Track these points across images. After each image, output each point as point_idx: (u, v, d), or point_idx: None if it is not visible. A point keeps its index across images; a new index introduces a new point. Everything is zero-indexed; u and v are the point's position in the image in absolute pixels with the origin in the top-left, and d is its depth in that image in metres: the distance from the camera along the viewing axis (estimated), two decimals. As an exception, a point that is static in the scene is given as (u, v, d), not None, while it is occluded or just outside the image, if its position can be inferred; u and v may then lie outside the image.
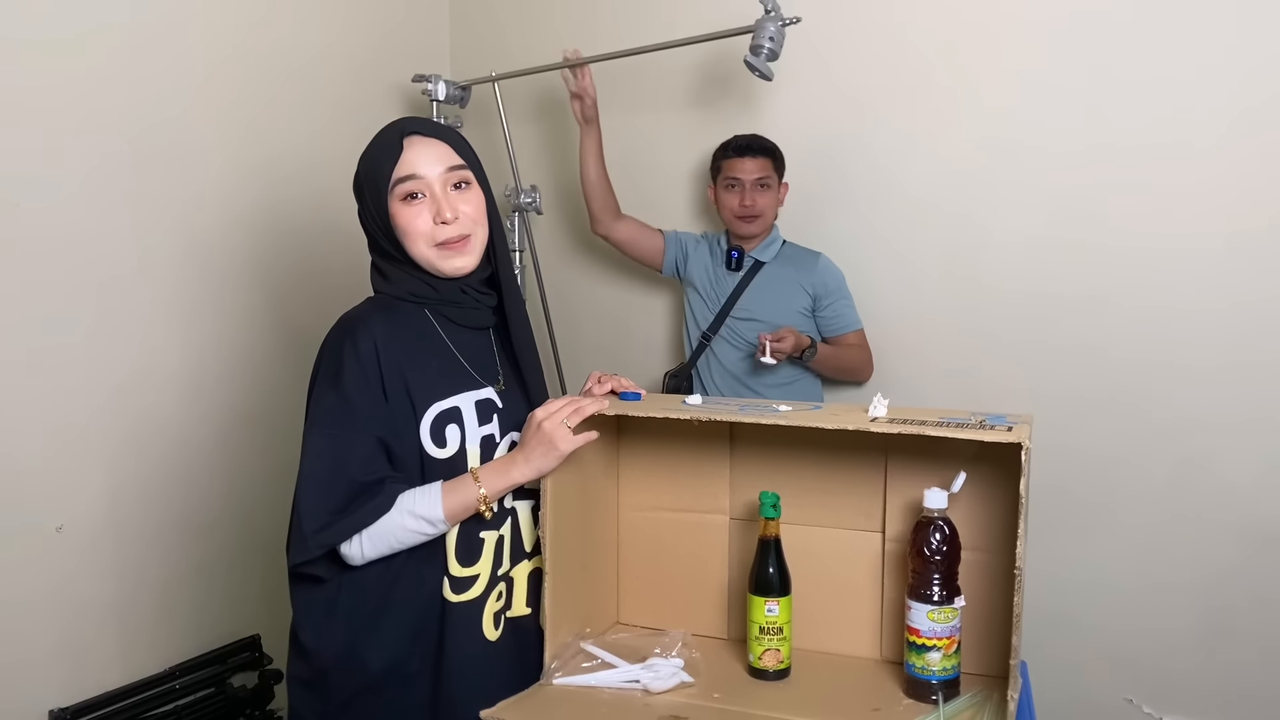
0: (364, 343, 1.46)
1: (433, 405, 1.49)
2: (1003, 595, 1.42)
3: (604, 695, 1.48)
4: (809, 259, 2.70)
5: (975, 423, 1.39)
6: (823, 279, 2.68)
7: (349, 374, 1.44)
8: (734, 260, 2.71)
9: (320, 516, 1.42)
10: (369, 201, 1.53)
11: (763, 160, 2.64)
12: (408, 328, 1.51)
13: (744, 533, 1.66)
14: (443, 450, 1.49)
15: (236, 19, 2.58)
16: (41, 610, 2.23)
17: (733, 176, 2.65)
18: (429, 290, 1.53)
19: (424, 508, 1.43)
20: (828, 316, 2.69)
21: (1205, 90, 2.36)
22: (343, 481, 1.42)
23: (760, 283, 2.69)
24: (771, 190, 2.67)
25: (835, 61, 2.73)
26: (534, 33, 3.12)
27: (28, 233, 2.17)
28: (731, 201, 2.66)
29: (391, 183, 1.50)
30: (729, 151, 2.67)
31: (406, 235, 1.51)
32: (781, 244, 2.74)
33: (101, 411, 2.32)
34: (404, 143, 1.51)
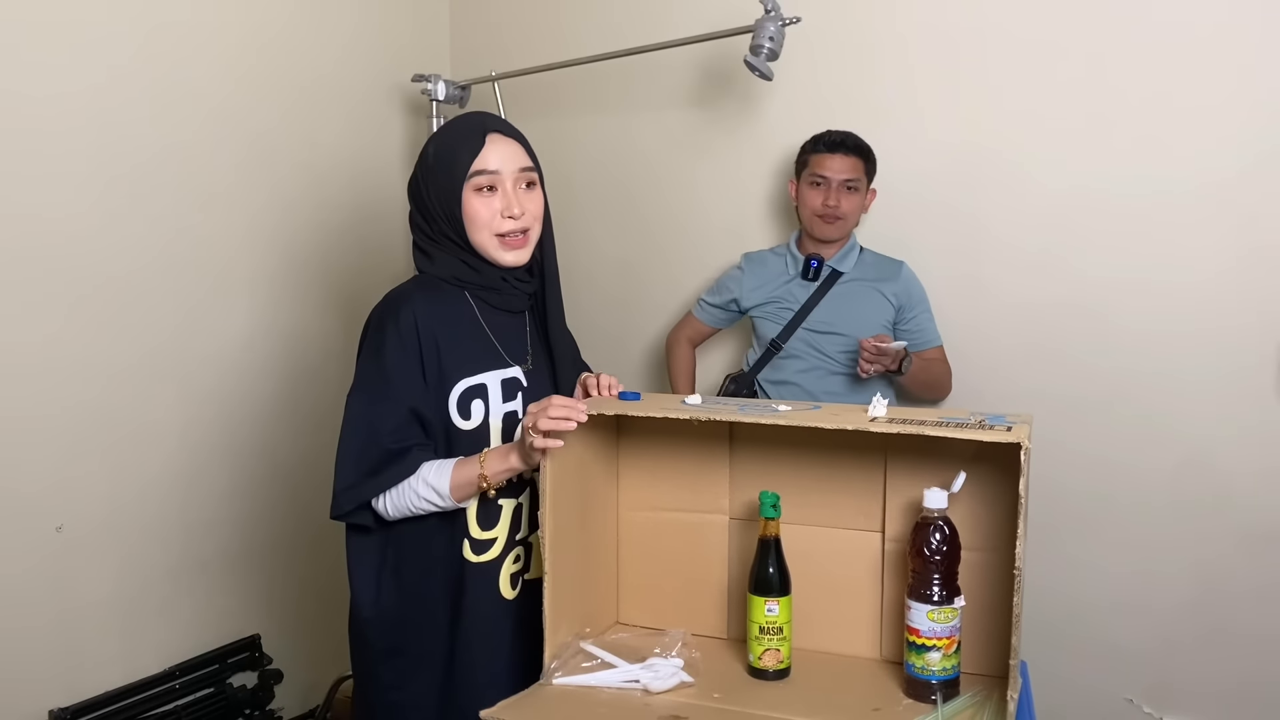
0: (405, 318, 1.59)
1: (461, 380, 1.62)
2: (1002, 595, 1.42)
3: (604, 695, 1.48)
4: (891, 267, 2.55)
5: (975, 423, 1.39)
6: (907, 288, 2.53)
7: (390, 347, 1.58)
8: (812, 270, 2.53)
9: (349, 476, 1.58)
10: (438, 184, 1.64)
11: (854, 160, 2.49)
12: (448, 306, 1.64)
13: (744, 533, 1.66)
14: (467, 422, 1.62)
15: (236, 19, 2.58)
16: (42, 610, 2.23)
17: (819, 174, 2.49)
18: (473, 275, 1.66)
19: (434, 479, 1.56)
20: (911, 330, 2.52)
21: (1205, 94, 2.36)
22: (374, 447, 1.57)
23: (839, 293, 2.52)
24: (858, 194, 2.51)
25: (835, 61, 2.73)
26: (534, 32, 3.12)
27: (32, 234, 2.17)
28: (814, 200, 2.49)
29: (470, 173, 1.62)
30: (819, 146, 2.51)
31: (473, 222, 1.63)
32: (860, 251, 2.58)
33: (102, 411, 2.32)
34: (486, 139, 1.64)
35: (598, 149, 3.08)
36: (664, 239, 3.02)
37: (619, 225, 3.09)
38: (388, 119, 3.05)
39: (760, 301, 2.60)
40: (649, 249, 3.05)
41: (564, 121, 3.11)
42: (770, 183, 2.84)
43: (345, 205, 2.85)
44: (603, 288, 3.13)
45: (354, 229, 2.90)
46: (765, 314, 2.59)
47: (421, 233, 1.69)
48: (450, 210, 1.63)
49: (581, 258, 3.14)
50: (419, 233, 1.69)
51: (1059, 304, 2.53)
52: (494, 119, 1.70)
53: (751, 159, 2.85)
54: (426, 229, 1.68)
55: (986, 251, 2.62)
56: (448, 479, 1.56)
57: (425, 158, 1.67)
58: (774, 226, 2.85)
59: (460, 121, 1.70)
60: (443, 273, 1.66)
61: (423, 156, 1.68)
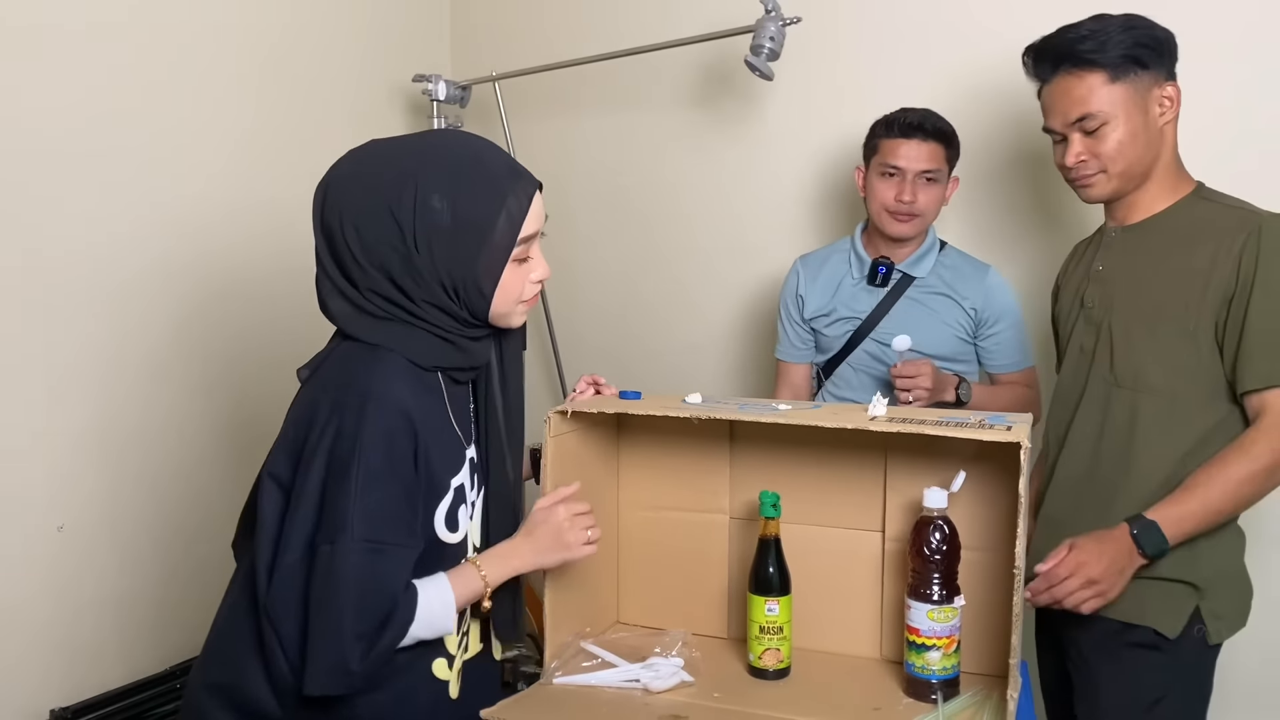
0: (396, 421, 1.28)
1: (450, 487, 1.37)
2: (1002, 594, 1.43)
3: (604, 695, 1.49)
4: (974, 271, 2.19)
5: (975, 422, 1.40)
6: (990, 296, 2.17)
7: (393, 465, 1.28)
8: (880, 275, 2.17)
9: (361, 644, 1.24)
10: (462, 249, 1.31)
11: (934, 147, 2.12)
12: (427, 393, 1.36)
13: (744, 532, 1.66)
14: (454, 535, 1.39)
15: (236, 19, 2.58)
16: (42, 610, 2.23)
17: (892, 164, 2.12)
18: (454, 354, 1.37)
19: (443, 608, 1.32)
20: (989, 347, 2.17)
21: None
22: (386, 601, 1.26)
23: (912, 302, 2.16)
24: (938, 185, 2.14)
25: (836, 61, 2.73)
26: (534, 33, 3.12)
27: (32, 234, 2.17)
28: (885, 193, 2.13)
29: (520, 240, 1.34)
30: (892, 130, 2.14)
31: (505, 294, 1.35)
32: (939, 249, 2.22)
33: (102, 411, 2.32)
34: (534, 198, 1.36)
35: (598, 149, 3.09)
36: (664, 239, 3.02)
37: (619, 225, 3.09)
38: (388, 119, 3.04)
39: (820, 310, 2.24)
40: (649, 249, 3.04)
41: (564, 121, 3.11)
42: (771, 183, 2.84)
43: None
44: (602, 288, 3.13)
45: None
46: (826, 325, 2.24)
47: (388, 301, 1.32)
48: (475, 281, 1.32)
49: (581, 258, 3.14)
50: (384, 302, 1.32)
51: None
52: (519, 166, 1.38)
53: (752, 159, 2.85)
54: (400, 299, 1.32)
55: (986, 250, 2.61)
56: (453, 604, 1.32)
57: (429, 214, 1.29)
58: (775, 226, 2.84)
59: (483, 166, 1.34)
60: (414, 354, 1.33)
61: (419, 211, 1.29)
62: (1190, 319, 1.62)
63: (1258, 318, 1.57)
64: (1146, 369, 1.66)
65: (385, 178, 1.32)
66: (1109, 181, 1.72)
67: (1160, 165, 1.71)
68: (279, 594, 1.27)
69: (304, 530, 1.27)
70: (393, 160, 1.34)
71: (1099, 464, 1.71)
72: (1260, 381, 1.58)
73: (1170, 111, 1.69)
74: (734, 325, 2.91)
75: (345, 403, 1.28)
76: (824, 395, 2.29)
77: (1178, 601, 1.65)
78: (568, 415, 1.55)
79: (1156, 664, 1.66)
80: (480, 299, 1.34)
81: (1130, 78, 1.66)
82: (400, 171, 1.31)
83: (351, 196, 1.33)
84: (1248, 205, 1.68)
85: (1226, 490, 1.58)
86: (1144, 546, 1.56)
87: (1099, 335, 1.73)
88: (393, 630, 1.26)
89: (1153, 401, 1.66)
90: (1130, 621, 1.66)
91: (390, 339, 1.33)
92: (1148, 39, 1.66)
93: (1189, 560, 1.64)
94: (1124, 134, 1.67)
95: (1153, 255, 1.69)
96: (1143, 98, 1.67)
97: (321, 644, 1.23)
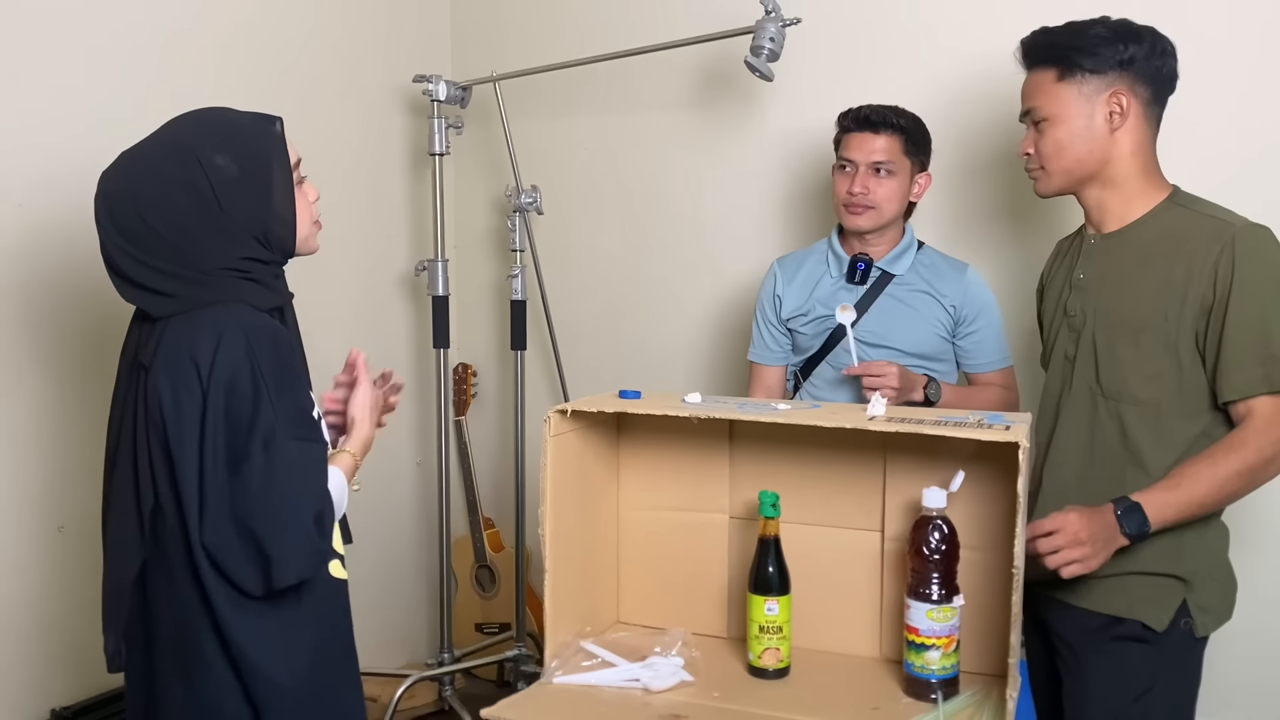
0: (276, 332, 1.45)
1: (312, 399, 1.52)
2: (1001, 594, 1.43)
3: (604, 694, 1.49)
4: (953, 269, 2.20)
5: (973, 422, 1.40)
6: (968, 295, 2.17)
7: (293, 380, 1.44)
8: (859, 272, 2.17)
9: (317, 526, 1.38)
10: (257, 191, 1.47)
11: (886, 139, 2.12)
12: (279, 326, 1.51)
13: (744, 532, 1.66)
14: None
15: (236, 19, 2.58)
16: (43, 609, 2.23)
17: (845, 156, 2.15)
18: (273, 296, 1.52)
19: (341, 488, 1.48)
20: (967, 346, 2.18)
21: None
22: (324, 485, 1.41)
23: (891, 299, 2.16)
24: (896, 178, 2.13)
25: (835, 62, 2.73)
26: (534, 32, 3.12)
27: (32, 232, 2.17)
28: (840, 186, 2.15)
29: (294, 164, 1.52)
30: (846, 125, 2.18)
31: (302, 217, 1.53)
32: (918, 249, 2.22)
33: (102, 411, 2.32)
34: (280, 124, 1.53)
35: (598, 149, 3.09)
36: (664, 239, 3.02)
37: (619, 225, 3.09)
38: (388, 119, 3.05)
39: (797, 310, 2.24)
40: (649, 249, 3.05)
41: (564, 121, 3.11)
42: (771, 183, 2.84)
43: (346, 206, 2.85)
44: (602, 288, 3.13)
45: (356, 229, 2.90)
46: (803, 325, 2.23)
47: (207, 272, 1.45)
48: (278, 215, 1.48)
49: (581, 258, 3.14)
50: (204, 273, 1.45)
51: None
52: (256, 112, 1.55)
53: (752, 160, 2.85)
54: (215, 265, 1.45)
55: (986, 250, 2.62)
56: (344, 479, 1.50)
57: (218, 171, 1.43)
58: (775, 227, 2.85)
59: (238, 121, 1.51)
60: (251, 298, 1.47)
61: (209, 173, 1.43)
62: (1171, 331, 1.63)
63: (1236, 328, 1.59)
64: (1131, 380, 1.67)
65: (166, 163, 1.45)
66: (1049, 178, 1.74)
67: (1118, 172, 1.71)
68: (216, 529, 1.36)
69: (218, 466, 1.36)
70: (162, 149, 1.47)
71: (1087, 472, 1.73)
72: (1242, 391, 1.60)
73: (1124, 121, 1.68)
74: (734, 325, 2.91)
75: (222, 343, 1.38)
76: (802, 396, 2.28)
77: (1165, 595, 1.67)
78: (567, 415, 1.55)
79: (1144, 656, 1.67)
80: (287, 230, 1.50)
81: (1076, 79, 1.68)
82: (177, 150, 1.45)
83: (142, 190, 1.44)
84: (1222, 212, 1.68)
85: (1213, 485, 1.60)
86: (1126, 526, 1.58)
87: (1081, 345, 1.74)
88: (330, 511, 1.41)
89: (1138, 412, 1.67)
90: (1118, 615, 1.67)
91: (225, 293, 1.45)
92: (1109, 46, 1.66)
93: (1176, 554, 1.66)
94: (1062, 134, 1.70)
95: (1130, 266, 1.69)
96: (1089, 102, 1.68)
97: (285, 534, 1.35)
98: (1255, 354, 1.59)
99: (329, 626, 1.50)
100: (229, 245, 1.45)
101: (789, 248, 2.75)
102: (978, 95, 2.59)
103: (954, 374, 2.24)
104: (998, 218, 2.60)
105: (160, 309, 1.46)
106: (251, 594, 1.38)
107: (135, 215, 1.44)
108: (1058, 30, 1.73)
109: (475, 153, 3.21)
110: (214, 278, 1.45)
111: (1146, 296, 1.66)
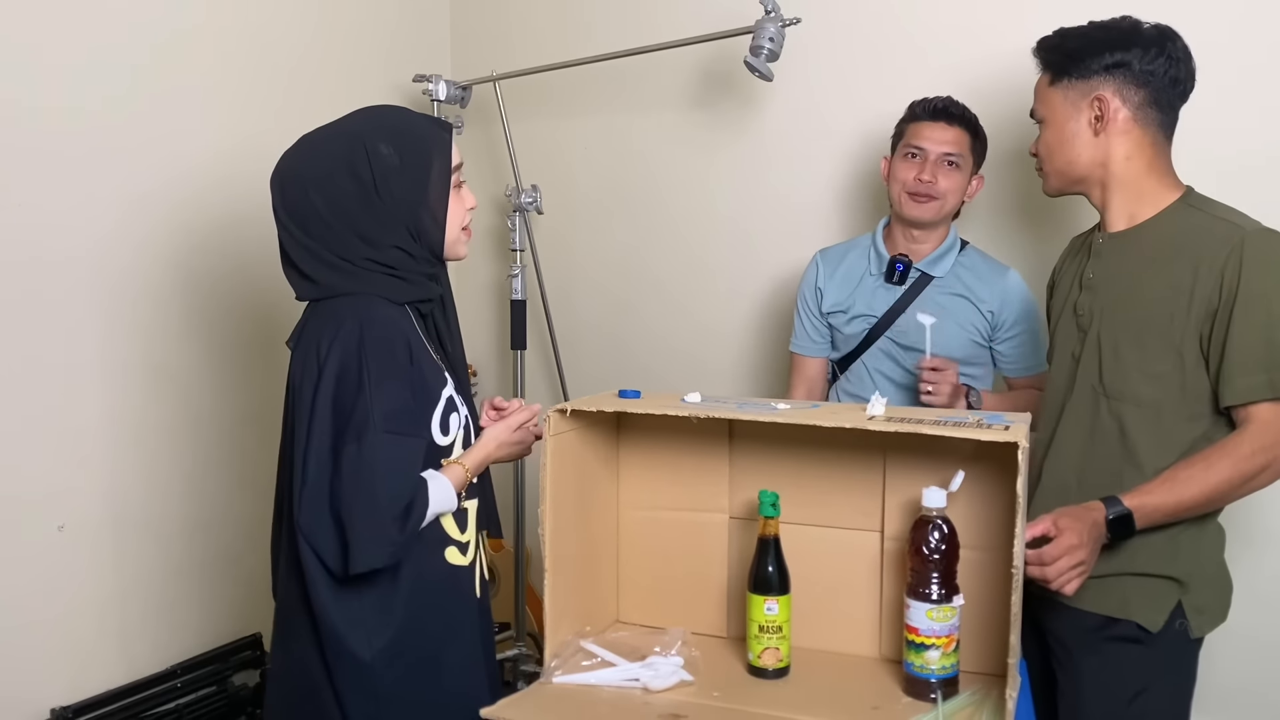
0: (392, 338, 1.52)
1: (441, 395, 1.60)
2: (1001, 594, 1.43)
3: (604, 694, 1.49)
4: (993, 272, 2.19)
5: (973, 422, 1.40)
6: (1007, 299, 2.17)
7: (390, 374, 1.50)
8: (898, 272, 2.17)
9: (397, 520, 1.47)
10: (409, 185, 1.57)
11: (958, 132, 2.15)
12: (404, 321, 1.59)
13: (743, 531, 1.66)
14: (446, 438, 1.61)
15: (235, 19, 2.58)
16: (43, 609, 2.23)
17: (915, 145, 2.15)
18: (408, 289, 1.61)
19: (445, 490, 1.55)
20: (1005, 350, 2.18)
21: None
22: (411, 483, 1.50)
23: (929, 301, 2.16)
24: (960, 172, 2.15)
25: (835, 62, 2.73)
26: (534, 32, 3.12)
27: (32, 236, 2.18)
28: (906, 174, 2.15)
29: (455, 167, 1.61)
30: (917, 114, 2.19)
31: (452, 219, 1.62)
32: (961, 250, 2.21)
33: (102, 411, 2.33)
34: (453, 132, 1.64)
35: (598, 149, 3.09)
36: (664, 239, 3.02)
37: (619, 225, 3.09)
38: (388, 119, 3.05)
39: (837, 305, 2.24)
40: (649, 249, 3.05)
41: (564, 121, 3.11)
42: (771, 183, 2.84)
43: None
44: (602, 288, 3.13)
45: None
46: (841, 321, 2.24)
47: (356, 257, 1.56)
48: (429, 210, 1.58)
49: (581, 258, 3.14)
50: (354, 258, 1.56)
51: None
52: (431, 115, 1.73)
53: (752, 160, 2.85)
54: (367, 250, 1.56)
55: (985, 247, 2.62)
56: (451, 487, 1.56)
57: (381, 159, 1.54)
58: (774, 227, 2.85)
59: (409, 118, 1.64)
60: (386, 291, 1.57)
61: (373, 160, 1.54)
62: (1176, 332, 1.63)
63: (1241, 333, 1.59)
64: (1134, 381, 1.67)
65: (336, 146, 1.57)
66: (1046, 179, 1.79)
67: (1117, 174, 1.71)
68: (311, 512, 1.46)
69: (322, 449, 1.46)
70: (334, 135, 1.59)
71: (1086, 472, 1.73)
72: (1245, 396, 1.60)
73: (1105, 125, 1.69)
74: (733, 325, 2.91)
75: (340, 332, 1.49)
76: (838, 392, 2.29)
77: (1160, 596, 1.67)
78: (567, 414, 1.55)
79: (1139, 657, 1.68)
80: (435, 227, 1.59)
81: (1063, 84, 1.71)
82: (347, 137, 1.57)
83: (310, 170, 1.56)
84: (1234, 215, 1.68)
85: (1204, 489, 1.61)
86: (1113, 531, 1.60)
87: (1086, 344, 1.74)
88: (419, 508, 1.49)
89: (1140, 414, 1.67)
90: (1113, 615, 1.68)
91: (363, 285, 1.56)
92: (1096, 51, 1.68)
93: (1171, 555, 1.66)
94: (1051, 136, 1.74)
95: (1139, 266, 1.69)
96: (1074, 106, 1.70)
97: (363, 524, 1.43)
98: (1260, 359, 1.59)
99: (436, 610, 1.58)
100: (381, 233, 1.55)
101: (789, 247, 2.76)
102: (978, 95, 2.59)
103: (990, 377, 2.25)
104: (1002, 216, 2.60)
105: (304, 293, 1.60)
106: (336, 576, 1.48)
107: (301, 190, 1.55)
108: (1057, 34, 1.75)
109: (475, 153, 3.21)
110: (358, 268, 1.55)
111: (1153, 297, 1.66)
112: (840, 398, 2.28)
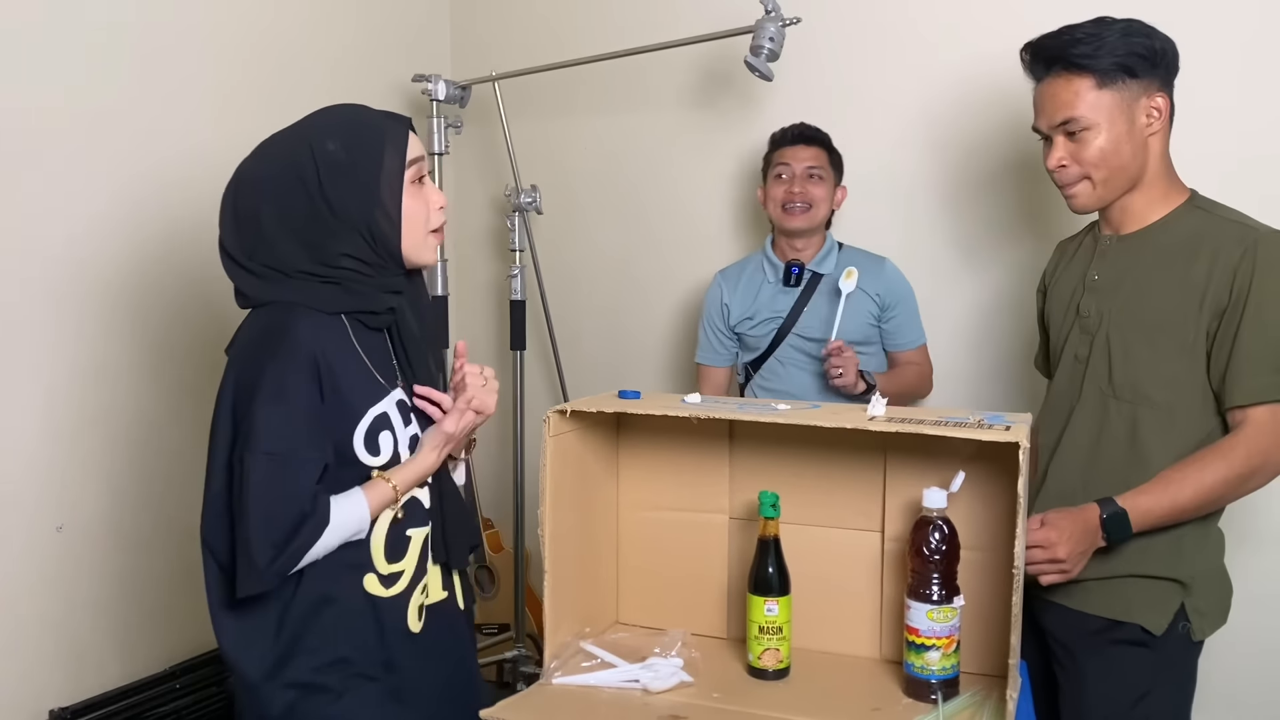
0: (299, 352, 1.40)
1: (367, 412, 1.46)
2: (1002, 595, 1.43)
3: (604, 695, 1.49)
4: (873, 264, 2.46)
5: (973, 422, 1.40)
6: (890, 285, 2.45)
7: (292, 389, 1.39)
8: (794, 275, 2.46)
9: (270, 548, 1.36)
10: (357, 183, 1.44)
11: (816, 150, 2.46)
12: (330, 331, 1.46)
13: (743, 532, 1.66)
14: (376, 458, 1.47)
15: (235, 19, 2.58)
16: (42, 610, 2.23)
17: (783, 163, 2.45)
18: (349, 299, 1.47)
19: (355, 511, 1.43)
20: (890, 329, 2.47)
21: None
22: (293, 507, 1.38)
23: (825, 294, 2.44)
24: (825, 183, 2.45)
25: (835, 62, 2.73)
26: (534, 33, 3.12)
27: (33, 234, 2.17)
28: (777, 191, 2.44)
29: (409, 162, 1.48)
30: (780, 140, 2.50)
31: (411, 222, 1.48)
32: (839, 250, 2.50)
33: (102, 411, 2.32)
34: (409, 122, 1.51)
35: (598, 149, 3.09)
36: (663, 239, 3.02)
37: (618, 225, 3.09)
38: (388, 119, 3.05)
39: (744, 315, 2.52)
40: (648, 249, 3.05)
41: (564, 121, 3.11)
42: (770, 183, 2.84)
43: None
44: (602, 288, 3.13)
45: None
46: (749, 328, 2.52)
47: (301, 271, 1.45)
48: (383, 208, 1.44)
49: (581, 258, 3.14)
50: (297, 271, 1.45)
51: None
52: (390, 112, 1.53)
53: (751, 159, 2.85)
54: (311, 264, 1.45)
55: (984, 250, 2.62)
56: (366, 509, 1.43)
57: (327, 156, 1.43)
58: (774, 226, 2.85)
59: (361, 112, 1.51)
60: (319, 302, 1.45)
61: (318, 158, 1.43)
62: (1188, 332, 1.63)
63: (1248, 335, 1.59)
64: (1146, 382, 1.67)
65: (284, 147, 1.48)
66: (1093, 190, 1.71)
67: (1148, 175, 1.70)
68: (210, 523, 1.42)
69: (223, 456, 1.41)
70: (286, 135, 1.50)
71: (1094, 474, 1.72)
72: (1246, 398, 1.60)
73: (1158, 123, 1.68)
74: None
75: (247, 343, 1.45)
76: (753, 389, 2.53)
77: (1163, 598, 1.67)
78: (567, 415, 1.55)
79: (1142, 660, 1.67)
80: (391, 226, 1.45)
81: (1118, 85, 1.66)
82: (295, 137, 1.48)
83: (259, 172, 1.48)
84: (1243, 218, 1.68)
85: (1199, 491, 1.61)
86: (1109, 531, 1.61)
87: (1094, 346, 1.74)
88: (305, 534, 1.37)
89: (1152, 414, 1.67)
90: (1116, 618, 1.68)
91: (290, 293, 1.45)
92: (1143, 48, 1.65)
93: (1175, 558, 1.66)
94: (1106, 141, 1.67)
95: (1149, 267, 1.69)
96: (1129, 107, 1.67)
97: (241, 549, 1.36)
98: (1269, 361, 1.59)
99: (344, 640, 1.46)
100: (330, 240, 1.44)
101: (789, 248, 2.76)
102: (978, 95, 2.59)
103: (880, 355, 2.49)
104: (998, 216, 2.60)
105: (238, 301, 1.53)
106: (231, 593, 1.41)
107: (251, 193, 1.47)
108: (1093, 36, 1.66)
109: (475, 152, 3.21)
110: (290, 279, 1.46)
111: (1166, 297, 1.66)
112: (756, 394, 2.52)
